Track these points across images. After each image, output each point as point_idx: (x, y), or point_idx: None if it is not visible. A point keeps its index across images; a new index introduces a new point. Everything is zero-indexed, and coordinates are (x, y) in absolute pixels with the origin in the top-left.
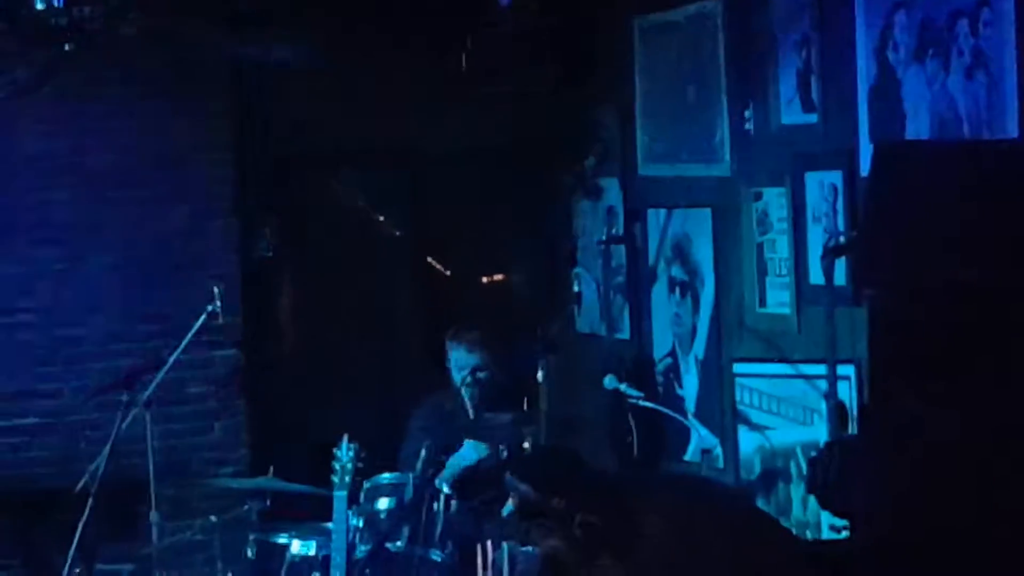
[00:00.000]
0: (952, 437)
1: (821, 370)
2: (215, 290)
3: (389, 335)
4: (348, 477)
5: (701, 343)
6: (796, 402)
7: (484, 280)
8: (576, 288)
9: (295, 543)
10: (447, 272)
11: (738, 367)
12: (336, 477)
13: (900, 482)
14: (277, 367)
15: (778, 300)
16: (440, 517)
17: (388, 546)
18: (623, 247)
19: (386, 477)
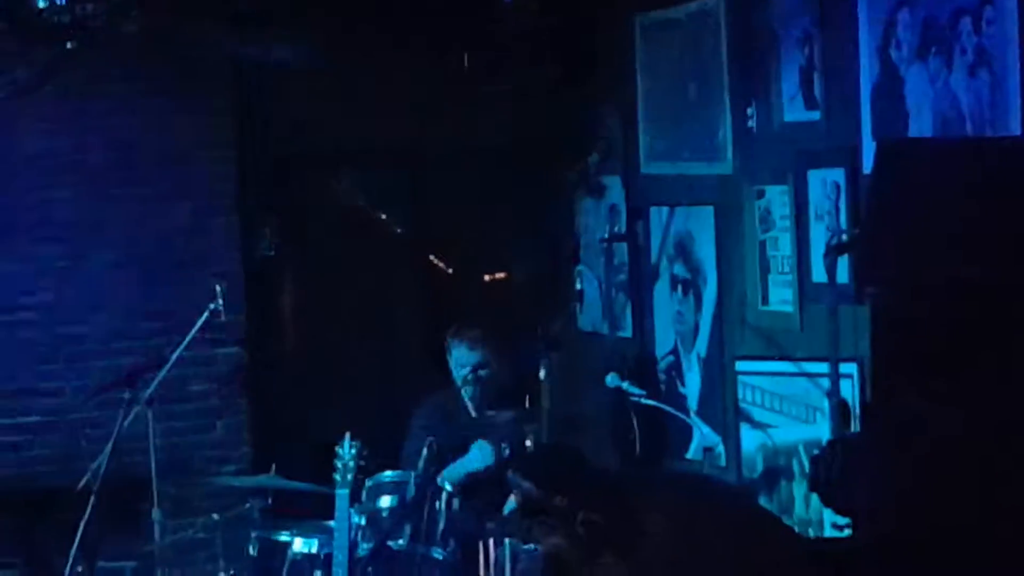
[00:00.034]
0: (955, 435)
1: (823, 368)
2: (217, 288)
3: (391, 333)
4: (350, 475)
5: (703, 341)
6: (798, 400)
7: (486, 278)
8: (578, 286)
9: (297, 541)
10: (449, 270)
11: (740, 365)
12: (338, 475)
13: (903, 480)
14: (279, 365)
15: (780, 298)
16: (442, 515)
17: (390, 544)
18: (625, 245)
19: (388, 475)
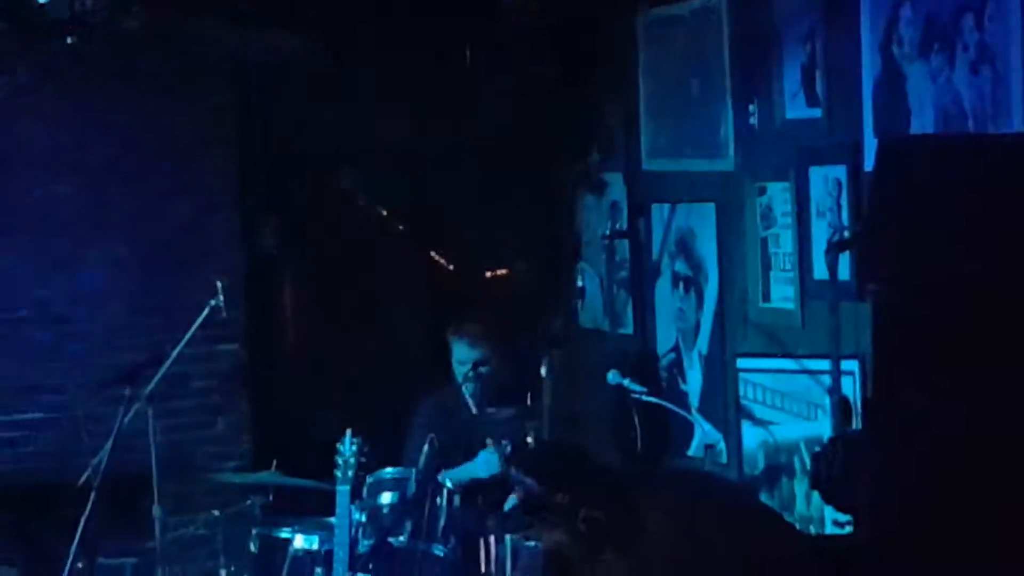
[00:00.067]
0: (956, 431)
1: (825, 365)
2: (218, 284)
3: (392, 330)
4: (351, 472)
5: (705, 338)
6: (800, 397)
7: (487, 275)
8: (579, 283)
9: (298, 537)
10: (450, 267)
11: (742, 362)
12: (339, 472)
13: (904, 477)
14: (280, 362)
15: (782, 295)
16: (443, 512)
17: (391, 541)
18: (627, 242)
19: (389, 472)
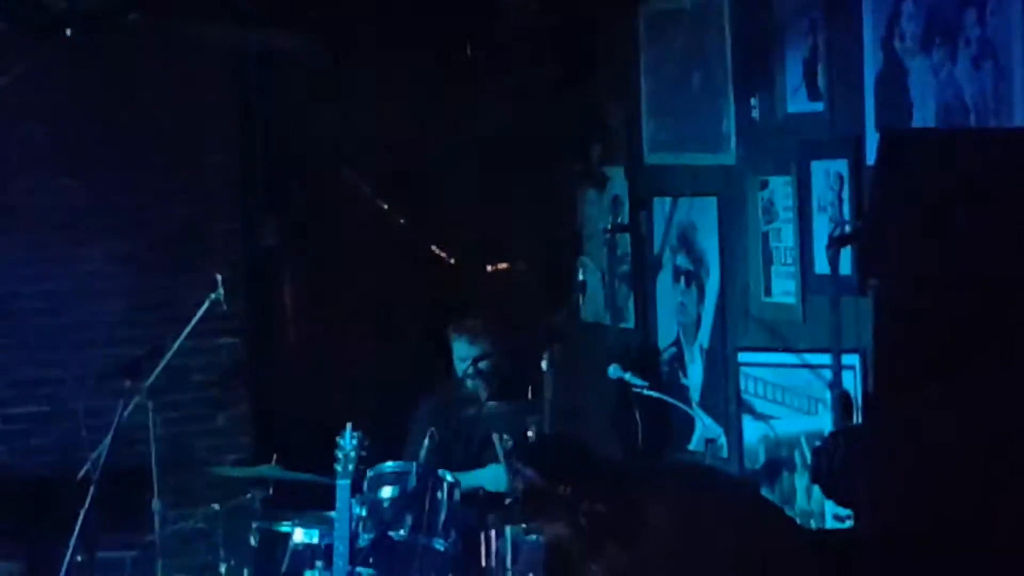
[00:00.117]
0: (957, 426)
1: (826, 359)
2: (218, 278)
3: (393, 324)
4: (351, 465)
5: (706, 332)
6: (801, 391)
7: (488, 269)
8: (581, 277)
9: (298, 531)
10: (451, 261)
11: (743, 356)
12: (339, 465)
13: (904, 472)
14: (281, 356)
15: (783, 289)
16: (444, 506)
17: (391, 534)
18: (628, 236)
19: (389, 465)
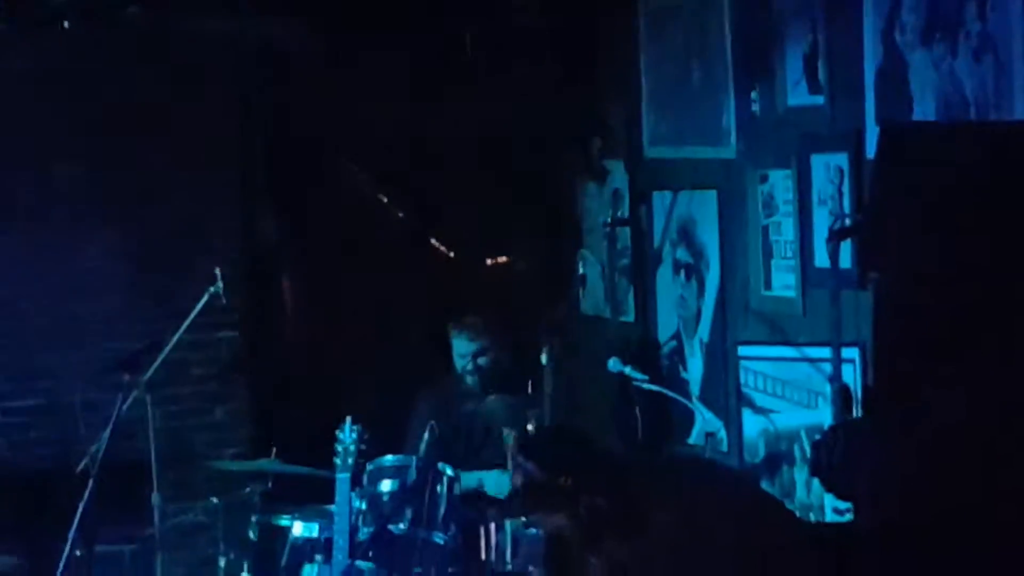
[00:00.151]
0: (957, 420)
1: (826, 353)
2: (217, 271)
3: (392, 318)
4: (351, 459)
5: (706, 326)
6: (800, 385)
7: (488, 262)
8: (581, 270)
9: (297, 525)
10: (450, 254)
11: (743, 350)
12: (339, 459)
13: (904, 465)
14: (280, 349)
15: (783, 283)
16: (443, 499)
17: (391, 528)
18: (628, 229)
19: (389, 459)
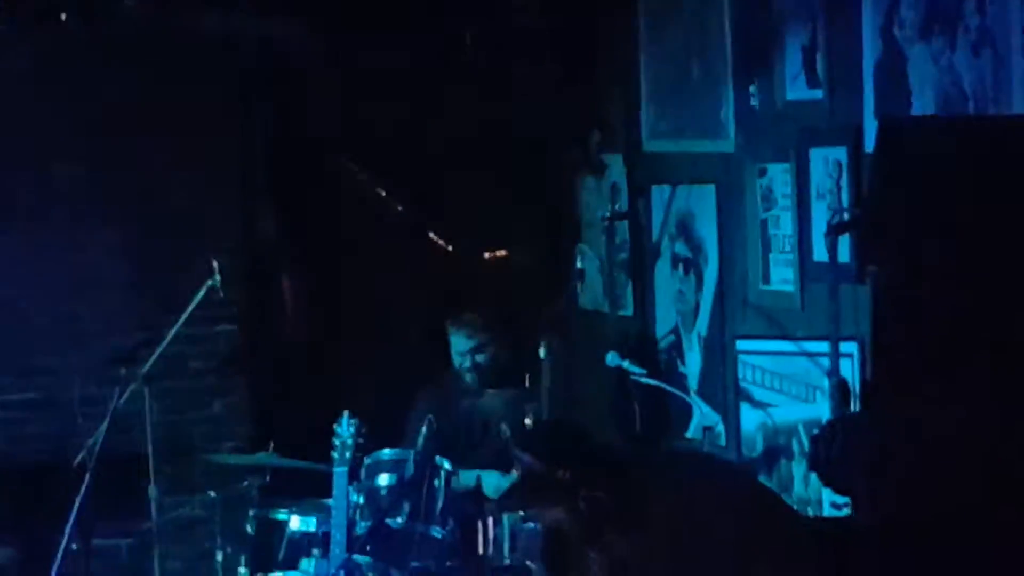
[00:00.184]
0: (955, 415)
1: (824, 347)
2: (215, 264)
3: (391, 312)
4: (349, 453)
5: (704, 320)
6: (799, 379)
7: (487, 256)
8: (579, 265)
9: (295, 519)
10: (449, 248)
11: (741, 344)
12: (336, 453)
13: (902, 459)
14: (278, 343)
15: (782, 277)
16: (441, 493)
17: (388, 522)
18: (627, 223)
19: (387, 453)
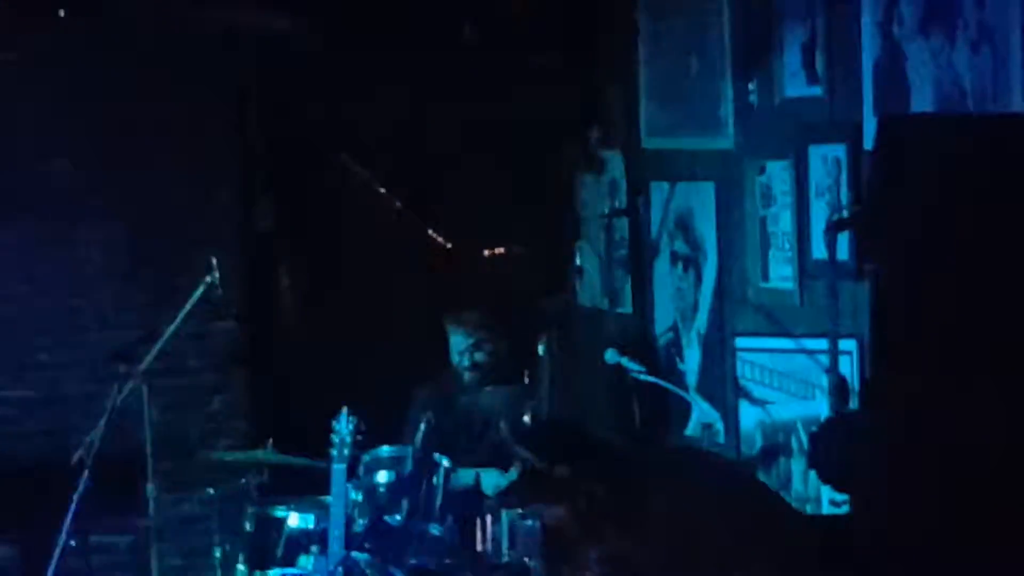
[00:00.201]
0: (953, 411)
1: (823, 345)
2: (213, 261)
3: (390, 309)
4: (347, 450)
5: (703, 317)
6: (797, 377)
7: (486, 253)
8: (578, 261)
9: (293, 516)
10: (448, 245)
11: (740, 341)
12: (335, 450)
13: (901, 457)
14: (277, 340)
15: (780, 274)
16: (440, 491)
17: (387, 519)
18: (626, 220)
19: (385, 450)
